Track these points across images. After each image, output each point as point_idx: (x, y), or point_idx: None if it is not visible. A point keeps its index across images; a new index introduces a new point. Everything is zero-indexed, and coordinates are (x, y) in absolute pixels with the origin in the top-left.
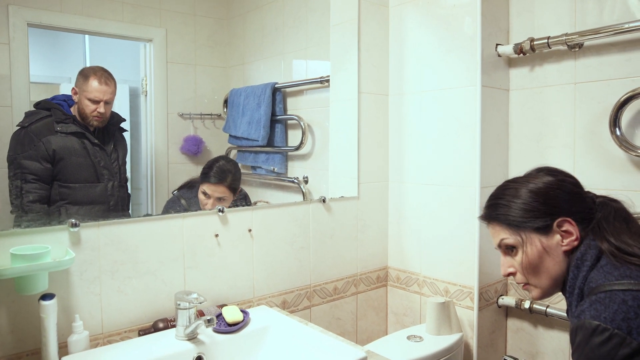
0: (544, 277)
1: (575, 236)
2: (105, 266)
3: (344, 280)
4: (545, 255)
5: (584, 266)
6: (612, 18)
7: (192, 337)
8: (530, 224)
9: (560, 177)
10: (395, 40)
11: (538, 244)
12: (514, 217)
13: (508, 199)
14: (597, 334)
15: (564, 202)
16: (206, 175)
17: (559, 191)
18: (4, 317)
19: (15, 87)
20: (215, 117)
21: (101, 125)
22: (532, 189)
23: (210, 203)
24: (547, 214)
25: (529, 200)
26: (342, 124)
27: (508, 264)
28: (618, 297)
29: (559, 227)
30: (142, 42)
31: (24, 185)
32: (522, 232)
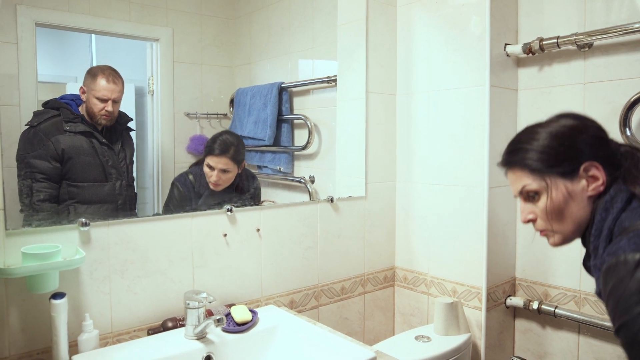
0: (567, 223)
1: (602, 181)
2: (115, 265)
3: (352, 280)
4: (570, 201)
5: (613, 208)
6: (621, 18)
7: (202, 337)
8: (555, 168)
9: (584, 121)
10: (402, 39)
11: (563, 189)
12: (538, 161)
13: (531, 143)
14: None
15: (589, 146)
16: (210, 147)
17: (585, 135)
18: (15, 315)
19: (23, 87)
20: (222, 116)
21: (109, 124)
22: (557, 132)
23: (215, 175)
24: (572, 158)
25: (553, 143)
26: (349, 124)
27: (528, 210)
28: None
29: (586, 172)
30: (149, 42)
31: (33, 184)
32: (547, 177)
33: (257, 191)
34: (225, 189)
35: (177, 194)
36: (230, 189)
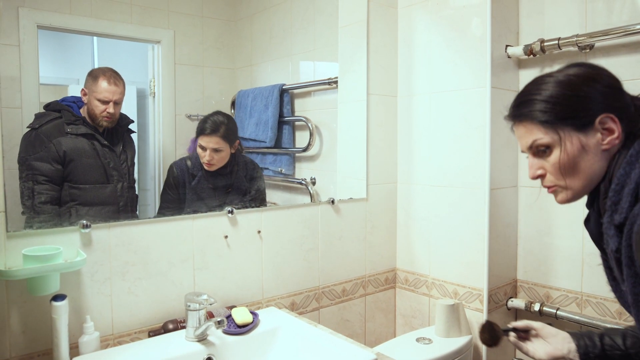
0: (580, 178)
1: (617, 134)
2: (116, 267)
3: (353, 282)
4: (584, 154)
5: (639, 161)
6: (622, 19)
7: (202, 339)
8: (569, 120)
9: (598, 70)
10: (404, 41)
11: (577, 142)
12: (550, 112)
13: (541, 93)
14: None
15: (604, 96)
16: (201, 128)
17: (599, 84)
18: (16, 317)
19: (25, 89)
20: None
21: (110, 125)
22: (569, 81)
23: (208, 154)
24: (586, 109)
25: (566, 93)
26: (350, 125)
27: (538, 166)
28: None
29: (601, 125)
30: (150, 44)
31: (35, 186)
32: (560, 130)
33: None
34: (220, 169)
35: (172, 177)
36: (224, 169)
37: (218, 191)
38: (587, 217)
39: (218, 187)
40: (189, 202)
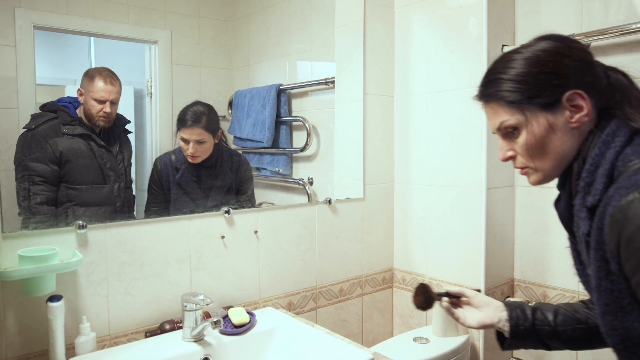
0: (549, 158)
1: (586, 111)
2: (112, 268)
3: (350, 282)
4: (552, 134)
5: (615, 142)
6: (619, 18)
7: (199, 339)
8: (535, 99)
9: (566, 43)
10: (400, 41)
11: (544, 122)
12: (516, 92)
13: (507, 71)
14: None
15: (572, 71)
16: (181, 120)
17: (567, 59)
18: (12, 318)
19: (22, 89)
20: (220, 118)
21: (107, 125)
22: (536, 57)
23: (191, 147)
24: (554, 87)
25: (532, 71)
26: (347, 125)
27: (507, 147)
28: None
29: (569, 102)
30: (147, 44)
31: (31, 187)
32: (526, 110)
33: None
34: (204, 161)
35: (156, 172)
36: (208, 161)
37: (203, 184)
38: (557, 198)
39: (202, 180)
40: (174, 197)
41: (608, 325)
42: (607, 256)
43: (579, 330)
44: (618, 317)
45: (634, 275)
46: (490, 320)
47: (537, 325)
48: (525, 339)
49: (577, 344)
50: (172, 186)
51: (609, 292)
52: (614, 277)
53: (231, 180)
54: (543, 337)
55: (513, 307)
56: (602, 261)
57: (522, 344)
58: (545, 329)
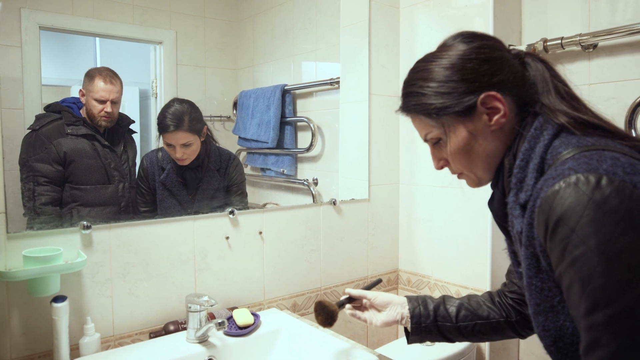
0: (476, 163)
1: (503, 111)
2: (117, 268)
3: (355, 283)
4: (474, 141)
5: (544, 135)
6: (626, 18)
7: (203, 340)
8: (450, 109)
9: (476, 44)
10: (405, 41)
11: (463, 130)
12: (431, 104)
13: (420, 83)
14: (601, 187)
15: (480, 74)
16: (162, 124)
17: (476, 61)
18: (17, 319)
19: (27, 90)
20: (225, 119)
21: (109, 125)
22: (445, 65)
23: (178, 151)
24: (467, 93)
25: (443, 79)
26: (352, 126)
27: (438, 157)
28: (607, 154)
29: (484, 105)
30: (152, 45)
31: (36, 187)
32: (444, 121)
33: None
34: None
35: (142, 169)
36: (195, 162)
37: (189, 185)
38: (491, 197)
39: (188, 181)
40: (159, 198)
41: (540, 326)
42: (537, 252)
43: (480, 325)
44: (549, 318)
45: (557, 266)
46: (394, 318)
47: (438, 322)
48: (428, 334)
49: (477, 338)
50: (157, 186)
51: (539, 290)
52: (543, 275)
53: (218, 181)
54: (445, 332)
55: (416, 304)
56: (533, 258)
57: (426, 338)
58: (446, 324)
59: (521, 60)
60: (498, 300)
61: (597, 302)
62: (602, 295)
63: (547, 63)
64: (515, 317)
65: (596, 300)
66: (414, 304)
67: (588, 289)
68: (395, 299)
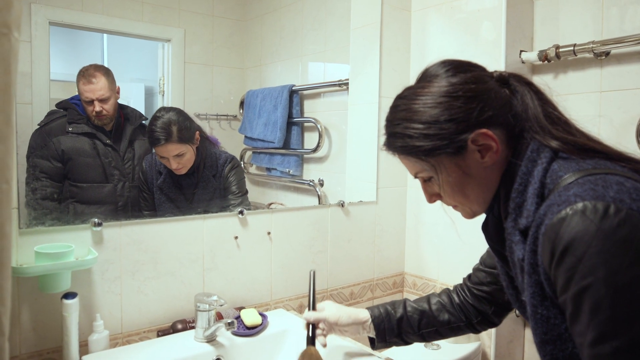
0: (470, 199)
1: (495, 148)
2: (127, 266)
3: (361, 285)
4: (467, 178)
5: (541, 158)
6: (635, 26)
7: (211, 340)
8: (440, 150)
9: (460, 78)
10: (416, 44)
11: (455, 169)
12: (420, 146)
13: (405, 124)
14: (609, 216)
15: (471, 112)
16: (151, 137)
17: (463, 99)
18: (27, 314)
19: (36, 85)
20: (231, 118)
21: (106, 123)
22: (431, 104)
23: (172, 163)
24: (456, 133)
25: (430, 120)
26: (360, 128)
27: (430, 192)
28: (611, 179)
29: (475, 143)
30: (161, 42)
31: (35, 182)
32: (434, 162)
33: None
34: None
35: (141, 172)
36: (190, 168)
37: (185, 190)
38: (485, 221)
39: (184, 186)
40: (157, 202)
41: (548, 355)
42: (541, 279)
43: (441, 330)
44: (557, 346)
45: (562, 294)
46: (360, 334)
47: (402, 334)
48: (392, 344)
49: (435, 339)
50: (155, 190)
51: (545, 320)
52: (548, 303)
53: (214, 187)
54: (407, 339)
55: (380, 319)
56: (537, 286)
57: (389, 346)
58: (409, 334)
59: (506, 83)
60: (458, 303)
61: (604, 333)
62: (610, 327)
63: (533, 85)
64: (476, 318)
65: (603, 332)
66: (378, 319)
67: (595, 320)
68: (357, 317)
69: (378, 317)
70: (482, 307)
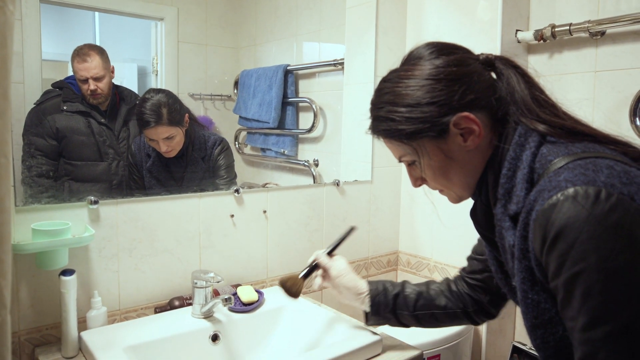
0: (454, 182)
1: (478, 131)
2: (123, 243)
3: (355, 264)
4: (450, 161)
5: (529, 142)
6: (632, 6)
7: (208, 316)
8: (422, 134)
9: (443, 60)
10: (412, 23)
11: (438, 153)
12: (402, 129)
13: (389, 107)
14: (601, 202)
15: (453, 94)
16: (141, 120)
17: (444, 81)
18: (25, 291)
19: (28, 64)
20: (226, 98)
21: (101, 102)
22: (413, 87)
23: (162, 145)
24: (438, 116)
25: (412, 103)
26: (356, 108)
27: (415, 176)
28: (602, 162)
29: (457, 127)
30: (154, 21)
31: (30, 160)
32: (417, 145)
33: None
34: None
35: (130, 154)
36: (181, 150)
37: (174, 173)
38: (473, 207)
39: (172, 169)
40: (147, 184)
41: (539, 338)
42: (531, 264)
43: (437, 314)
44: (548, 330)
45: (553, 279)
46: (354, 303)
47: (397, 311)
48: (386, 320)
49: (432, 325)
50: (145, 172)
51: (535, 304)
52: (538, 288)
53: (203, 169)
54: (402, 319)
55: (376, 292)
56: (527, 271)
57: (382, 323)
58: (404, 313)
59: (491, 66)
60: (455, 290)
61: (595, 318)
62: (601, 312)
63: (519, 68)
64: (472, 307)
65: (595, 317)
66: (375, 292)
67: (587, 305)
68: (357, 285)
69: (375, 290)
70: (477, 296)
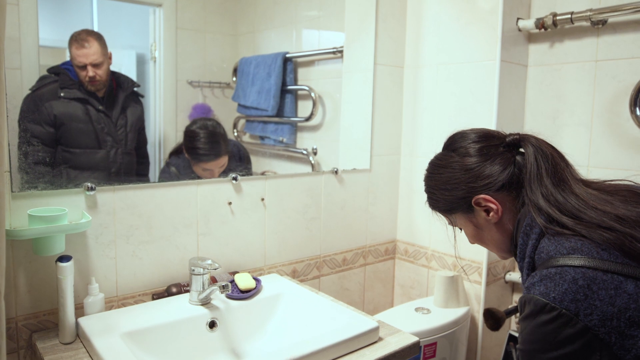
0: (490, 247)
1: (497, 207)
2: (121, 230)
3: (353, 252)
4: (480, 230)
5: (532, 233)
6: None
7: (206, 302)
8: (454, 210)
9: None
10: (413, 11)
11: (469, 224)
12: (442, 206)
13: (430, 190)
14: (545, 312)
15: (468, 182)
16: (197, 154)
17: (470, 172)
18: (22, 277)
19: (25, 50)
20: (224, 85)
21: (99, 89)
22: (441, 180)
23: (216, 173)
24: (459, 200)
25: (444, 190)
26: (355, 96)
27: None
28: (569, 275)
29: (478, 205)
30: (152, 7)
31: (27, 146)
32: (453, 217)
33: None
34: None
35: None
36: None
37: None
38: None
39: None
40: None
41: None
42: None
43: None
44: None
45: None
46: None
47: None
48: None
49: None
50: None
51: None
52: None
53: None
54: None
55: None
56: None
57: None
58: None
59: (517, 146)
60: None
61: None
62: None
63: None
64: None
65: None
66: None
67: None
68: None
69: None
70: None
